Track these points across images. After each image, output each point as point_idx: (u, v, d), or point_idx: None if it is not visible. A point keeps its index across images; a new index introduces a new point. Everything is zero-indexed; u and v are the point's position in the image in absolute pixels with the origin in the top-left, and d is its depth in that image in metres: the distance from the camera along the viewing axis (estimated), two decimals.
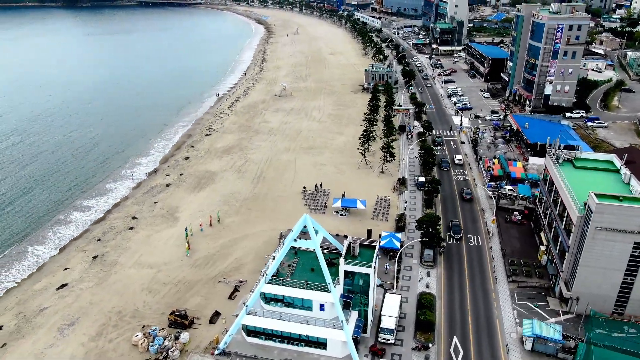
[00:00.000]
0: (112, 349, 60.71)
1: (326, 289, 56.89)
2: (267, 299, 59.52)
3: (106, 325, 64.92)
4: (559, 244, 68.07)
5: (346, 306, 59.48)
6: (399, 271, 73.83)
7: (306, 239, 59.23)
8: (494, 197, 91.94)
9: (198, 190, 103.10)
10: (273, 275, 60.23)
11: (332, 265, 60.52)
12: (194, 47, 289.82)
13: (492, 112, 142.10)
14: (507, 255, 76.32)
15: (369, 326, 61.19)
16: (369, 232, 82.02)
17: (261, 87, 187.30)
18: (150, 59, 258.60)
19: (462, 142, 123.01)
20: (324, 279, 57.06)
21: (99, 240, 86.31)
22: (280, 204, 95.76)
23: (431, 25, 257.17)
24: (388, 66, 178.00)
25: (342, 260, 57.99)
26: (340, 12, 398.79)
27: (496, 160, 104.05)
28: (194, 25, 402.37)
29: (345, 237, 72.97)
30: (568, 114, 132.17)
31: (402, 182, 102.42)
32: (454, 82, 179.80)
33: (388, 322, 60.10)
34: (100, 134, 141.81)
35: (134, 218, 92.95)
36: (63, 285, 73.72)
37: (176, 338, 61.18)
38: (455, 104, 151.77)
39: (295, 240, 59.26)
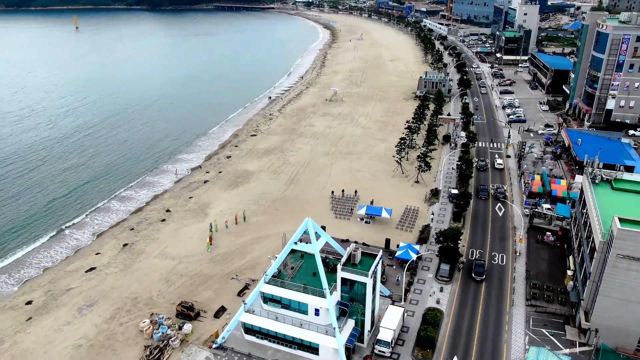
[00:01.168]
0: (120, 332, 64.08)
1: (322, 295, 56.71)
2: (266, 298, 60.22)
3: (121, 309, 68.62)
4: (583, 270, 63.30)
5: (343, 314, 58.95)
6: (410, 283, 71.94)
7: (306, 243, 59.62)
8: (528, 215, 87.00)
9: (232, 189, 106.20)
10: (274, 276, 60.94)
11: (335, 271, 60.16)
12: (261, 49, 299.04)
13: (547, 125, 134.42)
14: (530, 278, 71.95)
15: (366, 336, 60.13)
16: (387, 241, 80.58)
17: (314, 91, 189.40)
18: (221, 60, 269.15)
19: (508, 156, 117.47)
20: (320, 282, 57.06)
21: (132, 229, 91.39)
22: (307, 207, 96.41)
23: (497, 33, 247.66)
24: (446, 74, 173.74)
25: (339, 266, 57.51)
26: (407, 19, 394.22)
27: (538, 177, 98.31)
28: (265, 29, 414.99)
29: (360, 244, 72.64)
30: (631, 132, 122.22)
31: (434, 193, 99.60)
32: (512, 93, 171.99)
33: (385, 334, 58.74)
34: (159, 130, 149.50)
35: (167, 211, 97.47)
36: (92, 269, 78.84)
37: (180, 328, 63.44)
38: (508, 115, 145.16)
39: (296, 243, 59.71)
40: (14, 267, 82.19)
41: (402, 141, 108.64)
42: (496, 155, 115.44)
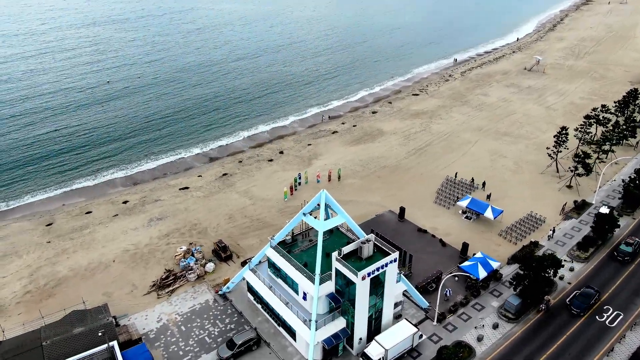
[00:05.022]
0: (162, 250, 68.35)
1: (312, 280, 49.33)
2: (270, 264, 55.71)
3: (178, 230, 72.93)
4: None
5: (337, 308, 50.65)
6: (462, 304, 57.42)
7: (327, 218, 52.11)
8: None
9: (353, 145, 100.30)
10: (287, 244, 55.70)
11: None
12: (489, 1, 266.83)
13: None
14: None
15: (356, 343, 50.75)
16: (464, 246, 65.39)
17: (519, 57, 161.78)
18: (435, 8, 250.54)
19: None
20: (326, 266, 49.71)
21: (240, 162, 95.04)
22: (412, 183, 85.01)
23: None
24: None
25: (335, 255, 48.66)
26: None
27: None
28: None
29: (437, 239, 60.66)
30: None
31: (579, 206, 76.16)
32: None
33: (373, 351, 48.65)
34: (336, 68, 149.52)
35: (280, 152, 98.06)
36: (185, 188, 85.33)
37: (203, 265, 64.22)
38: None
39: (304, 214, 52.74)
40: (141, 171, 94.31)
41: (563, 132, 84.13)
42: None
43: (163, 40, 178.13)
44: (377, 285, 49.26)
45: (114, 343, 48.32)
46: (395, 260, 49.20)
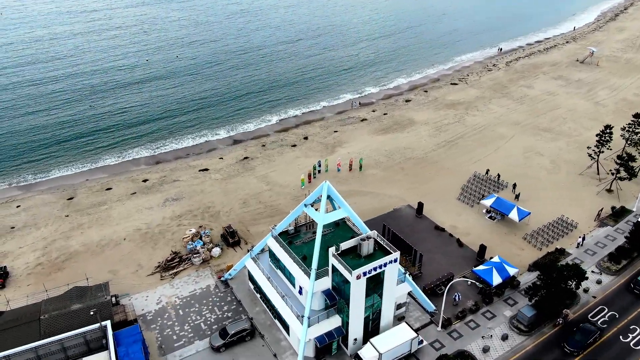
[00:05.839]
0: (173, 231, 68.18)
1: (308, 274, 47.33)
2: (270, 254, 54.10)
3: (191, 212, 72.62)
4: None
5: (333, 306, 48.51)
6: (471, 311, 53.89)
7: (329, 210, 50.00)
8: None
9: (380, 134, 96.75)
10: (289, 234, 53.89)
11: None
12: None
13: None
14: None
15: (350, 343, 48.48)
16: (482, 248, 61.33)
17: (572, 48, 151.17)
18: None
19: None
20: (324, 261, 47.65)
21: (264, 146, 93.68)
22: (436, 177, 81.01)
23: None
24: None
25: (331, 251, 46.30)
26: None
27: None
28: None
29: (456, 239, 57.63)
30: None
31: (617, 213, 70.04)
32: None
33: (367, 353, 46.27)
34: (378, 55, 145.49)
35: (305, 138, 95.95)
36: (204, 170, 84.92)
37: (209, 249, 63.48)
38: None
39: (306, 206, 50.60)
40: (165, 151, 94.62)
41: (607, 130, 77.24)
42: None
43: (206, 20, 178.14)
44: (375, 285, 46.65)
45: (107, 323, 48.28)
46: (395, 261, 46.31)
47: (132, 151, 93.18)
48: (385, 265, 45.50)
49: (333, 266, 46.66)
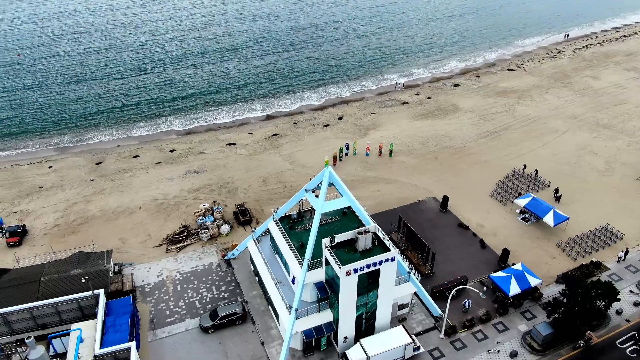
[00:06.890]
0: (186, 204, 67.53)
1: (301, 264, 44.67)
2: (271, 237, 51.83)
3: (209, 186, 71.69)
4: None
5: (325, 300, 45.69)
6: (480, 320, 49.28)
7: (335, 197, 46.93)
8: None
9: (419, 119, 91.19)
10: (291, 219, 51.33)
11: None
12: None
13: None
14: None
15: (340, 341, 45.54)
16: (505, 252, 55.82)
17: None
18: None
19: None
20: (319, 251, 44.86)
21: (295, 123, 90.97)
22: (471, 170, 75.09)
23: None
24: None
25: (325, 242, 43.17)
26: None
27: None
28: None
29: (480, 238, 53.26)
30: None
31: None
32: None
33: (354, 354, 43.25)
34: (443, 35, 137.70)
35: (340, 119, 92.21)
36: (231, 144, 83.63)
37: (219, 226, 62.19)
38: None
39: (306, 191, 47.62)
40: (198, 124, 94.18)
41: None
42: None
43: None
44: (370, 284, 43.20)
45: (101, 291, 48.21)
46: (392, 259, 42.47)
47: (166, 120, 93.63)
48: (380, 263, 41.85)
49: (326, 258, 43.67)
